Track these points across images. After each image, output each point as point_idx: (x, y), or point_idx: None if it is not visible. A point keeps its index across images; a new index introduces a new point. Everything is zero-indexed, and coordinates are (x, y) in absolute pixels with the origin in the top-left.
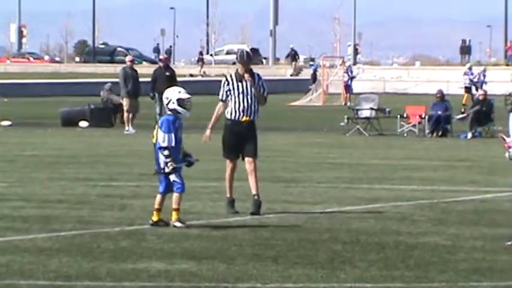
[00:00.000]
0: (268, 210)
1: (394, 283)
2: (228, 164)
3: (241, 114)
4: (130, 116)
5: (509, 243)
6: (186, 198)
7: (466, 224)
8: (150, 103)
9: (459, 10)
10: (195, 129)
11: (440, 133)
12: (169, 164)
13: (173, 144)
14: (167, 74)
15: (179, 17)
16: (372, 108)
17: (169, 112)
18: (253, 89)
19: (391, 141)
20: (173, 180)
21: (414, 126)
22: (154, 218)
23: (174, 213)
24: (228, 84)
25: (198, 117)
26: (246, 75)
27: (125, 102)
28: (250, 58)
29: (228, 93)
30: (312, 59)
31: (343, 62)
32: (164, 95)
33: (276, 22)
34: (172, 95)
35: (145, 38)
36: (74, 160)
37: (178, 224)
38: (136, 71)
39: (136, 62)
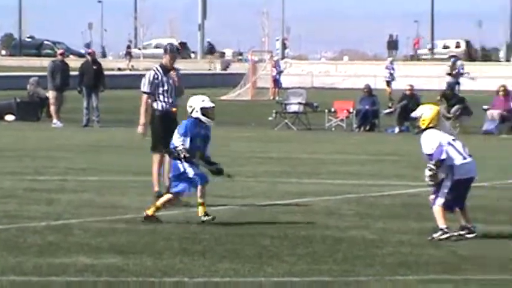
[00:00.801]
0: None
1: (321, 277)
2: (156, 158)
3: (170, 105)
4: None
5: (430, 237)
6: (113, 192)
7: (393, 218)
8: (78, 97)
9: (387, 5)
10: (124, 123)
11: (367, 128)
12: (179, 149)
13: (186, 146)
14: (94, 67)
15: (107, 11)
16: (300, 103)
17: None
18: (176, 81)
19: (319, 136)
20: (193, 175)
21: (342, 120)
22: (150, 212)
23: (200, 208)
24: (156, 77)
25: (127, 111)
26: (172, 69)
27: (51, 95)
28: (179, 51)
29: (156, 85)
30: (241, 54)
31: (272, 57)
32: (188, 103)
33: (204, 16)
34: (196, 103)
35: (72, 31)
36: (0, 154)
37: (205, 218)
38: (67, 64)
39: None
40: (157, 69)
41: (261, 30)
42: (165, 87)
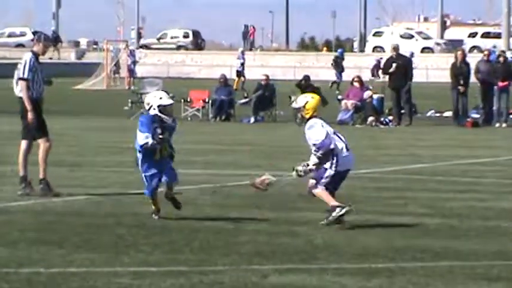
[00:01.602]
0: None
1: (178, 267)
2: (26, 144)
3: (42, 93)
4: None
5: (325, 221)
6: None
7: (249, 207)
8: None
9: None
10: None
11: (223, 117)
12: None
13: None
14: None
15: None
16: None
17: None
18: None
19: None
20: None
21: (198, 110)
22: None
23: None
24: (33, 64)
25: None
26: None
27: None
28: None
29: (33, 73)
30: (96, 43)
31: (127, 46)
32: (145, 100)
33: (59, 5)
34: (154, 101)
35: None
36: None
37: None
38: None
39: None
40: (32, 57)
41: (116, 19)
42: (39, 75)
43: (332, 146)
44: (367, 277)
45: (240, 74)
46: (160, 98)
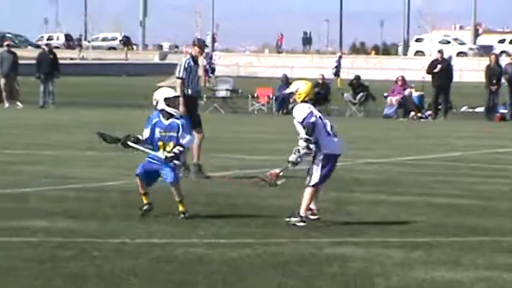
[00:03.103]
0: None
1: (245, 239)
2: (197, 135)
3: (198, 90)
4: (13, 92)
5: (288, 219)
6: (67, 164)
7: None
8: (35, 82)
9: (303, 4)
10: (75, 106)
11: (285, 111)
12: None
13: (145, 136)
14: (51, 57)
15: (61, 9)
16: (227, 89)
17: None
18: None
19: (243, 118)
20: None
21: (263, 105)
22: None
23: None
24: (189, 65)
25: (78, 95)
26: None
27: (1, 82)
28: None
29: (188, 72)
30: (177, 46)
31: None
32: (153, 97)
33: (145, 14)
34: (159, 95)
35: (31, 25)
36: None
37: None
38: (14, 53)
39: (22, 46)
40: (189, 59)
41: (195, 26)
42: (194, 74)
43: (313, 120)
44: (409, 249)
45: (336, 74)
46: (165, 92)
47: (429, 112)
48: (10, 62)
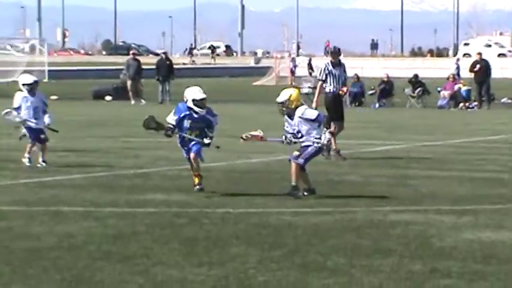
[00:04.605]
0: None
1: (325, 208)
2: (332, 126)
3: (337, 89)
4: (138, 91)
5: (288, 192)
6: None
7: (374, 167)
8: (155, 83)
9: (369, 16)
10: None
11: (357, 104)
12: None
13: (173, 122)
14: (167, 63)
15: (175, 23)
16: (309, 87)
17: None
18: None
19: (322, 110)
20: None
21: None
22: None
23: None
24: (328, 69)
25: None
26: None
27: (128, 83)
28: (339, 51)
29: (328, 75)
30: (268, 52)
31: (289, 55)
32: (184, 94)
33: (242, 27)
34: (189, 95)
35: (151, 37)
36: (103, 123)
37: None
38: (138, 60)
39: (144, 54)
40: (328, 64)
41: (283, 36)
42: (333, 76)
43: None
44: (459, 215)
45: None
46: (194, 93)
47: (475, 103)
48: (135, 67)
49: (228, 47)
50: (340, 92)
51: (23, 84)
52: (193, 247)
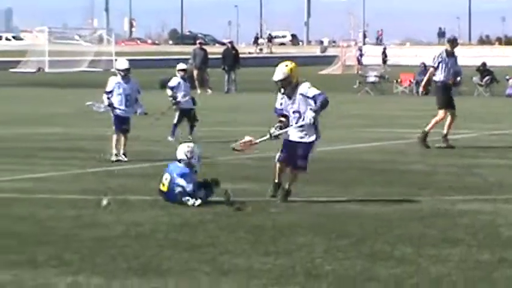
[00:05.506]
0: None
1: (391, 197)
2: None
3: (447, 78)
4: (204, 81)
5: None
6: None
7: (442, 156)
8: (221, 73)
9: (435, 4)
10: (253, 91)
11: (424, 93)
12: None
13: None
14: (233, 52)
15: (241, 12)
16: (375, 76)
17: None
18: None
19: (389, 99)
20: None
21: (406, 88)
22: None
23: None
24: (442, 57)
25: (255, 82)
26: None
27: (194, 73)
28: (456, 41)
29: (440, 63)
30: (334, 41)
31: (356, 43)
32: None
33: (308, 16)
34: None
35: (217, 27)
36: (170, 113)
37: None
38: (205, 50)
39: (210, 44)
40: (443, 52)
41: (349, 25)
42: (447, 64)
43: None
44: None
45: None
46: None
47: None
48: (201, 56)
49: (294, 36)
50: (450, 81)
51: (117, 70)
52: (259, 236)
